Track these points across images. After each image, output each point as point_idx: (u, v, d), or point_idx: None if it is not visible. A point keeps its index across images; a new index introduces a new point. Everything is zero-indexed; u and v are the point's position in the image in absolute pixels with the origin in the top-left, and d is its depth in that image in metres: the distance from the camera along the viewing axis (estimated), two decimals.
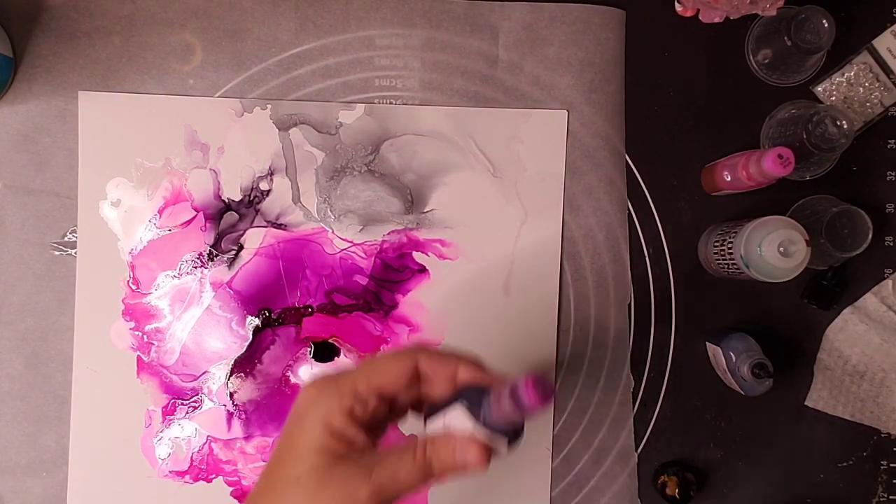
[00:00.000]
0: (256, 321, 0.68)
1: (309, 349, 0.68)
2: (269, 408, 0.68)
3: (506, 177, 0.69)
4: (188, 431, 0.68)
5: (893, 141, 0.70)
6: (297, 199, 0.69)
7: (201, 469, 0.68)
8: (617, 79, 0.70)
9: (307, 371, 0.68)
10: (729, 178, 0.63)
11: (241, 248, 0.68)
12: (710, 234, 0.68)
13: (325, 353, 0.69)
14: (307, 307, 0.69)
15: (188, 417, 0.68)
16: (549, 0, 0.69)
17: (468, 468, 0.45)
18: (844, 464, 0.70)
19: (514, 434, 0.46)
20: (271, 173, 0.68)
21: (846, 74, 0.69)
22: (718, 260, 0.65)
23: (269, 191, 0.68)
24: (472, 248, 0.69)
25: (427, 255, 0.69)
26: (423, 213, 0.69)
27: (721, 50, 0.70)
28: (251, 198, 0.68)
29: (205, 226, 0.68)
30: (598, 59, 0.69)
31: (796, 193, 0.70)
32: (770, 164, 0.58)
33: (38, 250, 0.68)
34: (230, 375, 0.68)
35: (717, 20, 0.66)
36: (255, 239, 0.68)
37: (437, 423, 0.47)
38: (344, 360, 0.69)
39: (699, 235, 0.70)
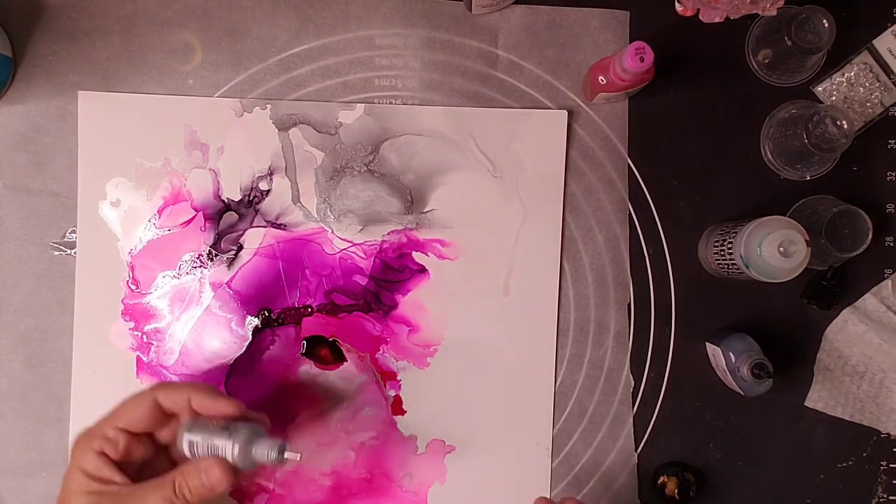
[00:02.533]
0: (256, 321, 0.68)
1: (302, 347, 0.68)
2: (268, 408, 0.68)
3: (506, 177, 0.69)
4: None
5: (894, 141, 0.70)
6: (296, 199, 0.69)
7: None
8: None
9: (307, 371, 0.68)
10: (604, 81, 0.64)
11: (240, 248, 0.68)
12: (709, 235, 0.68)
13: (317, 347, 0.69)
14: (307, 307, 0.69)
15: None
16: (548, 3, 0.69)
17: (214, 487, 0.51)
18: (844, 464, 0.70)
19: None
20: (271, 173, 0.68)
21: (846, 74, 0.69)
22: (718, 260, 0.65)
23: (268, 191, 0.68)
24: (472, 248, 0.69)
25: (427, 255, 0.69)
26: (423, 213, 0.69)
27: (721, 50, 0.70)
28: (251, 198, 0.68)
29: (204, 226, 0.68)
30: (596, 61, 0.69)
31: (796, 193, 0.70)
32: (629, 60, 0.60)
33: (38, 250, 0.68)
34: (229, 375, 0.68)
35: (717, 20, 0.65)
36: (255, 239, 0.68)
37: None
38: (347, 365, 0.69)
39: (699, 235, 0.70)
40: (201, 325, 0.68)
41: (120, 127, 0.68)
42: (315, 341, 0.68)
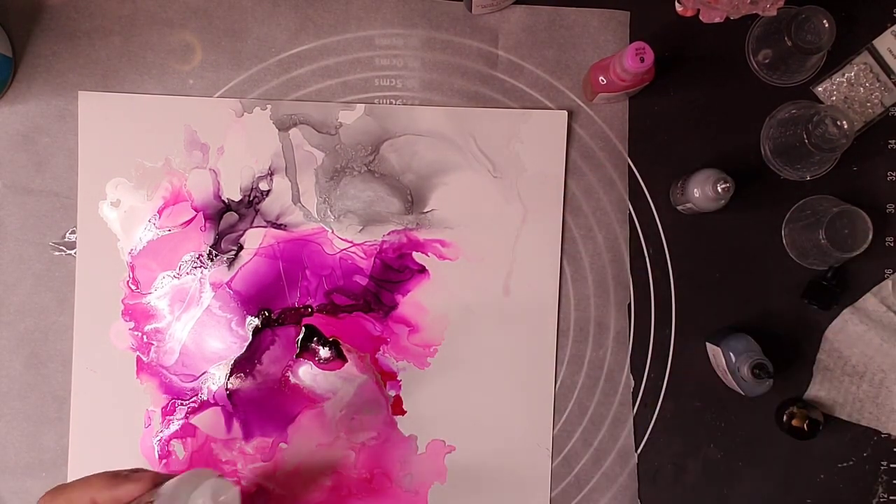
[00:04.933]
0: (256, 321, 0.68)
1: (296, 347, 0.68)
2: (268, 408, 0.68)
3: (506, 177, 0.69)
4: (188, 432, 0.68)
5: (894, 141, 0.70)
6: (296, 199, 0.69)
7: None
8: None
9: (307, 371, 0.68)
10: (604, 81, 0.65)
11: (240, 248, 0.68)
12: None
13: (309, 344, 0.69)
14: (307, 307, 0.69)
15: (188, 418, 0.68)
16: (548, 3, 0.69)
17: None
18: (844, 464, 0.70)
19: None
20: (271, 173, 0.68)
21: (846, 74, 0.69)
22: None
23: (268, 191, 0.68)
24: (472, 248, 0.69)
25: (427, 255, 0.69)
26: (423, 213, 0.69)
27: (721, 50, 0.70)
28: (251, 198, 0.68)
29: (204, 226, 0.68)
30: (596, 61, 0.69)
31: (797, 193, 0.70)
32: (629, 60, 0.60)
33: (38, 250, 0.68)
34: (230, 375, 0.68)
35: (717, 20, 0.65)
36: (255, 239, 0.68)
37: None
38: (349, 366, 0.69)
39: (699, 235, 0.70)
40: (201, 325, 0.68)
41: (120, 127, 0.68)
42: (308, 337, 0.68)
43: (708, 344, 0.69)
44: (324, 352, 0.68)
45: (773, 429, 0.69)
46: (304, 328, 0.68)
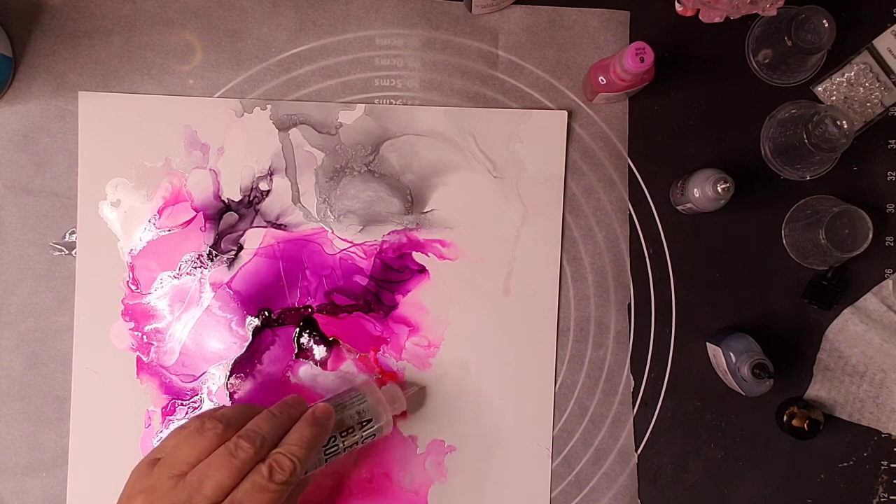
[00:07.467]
0: (256, 321, 0.68)
1: (294, 347, 0.68)
2: None
3: (506, 177, 0.69)
4: None
5: (894, 141, 0.70)
6: (296, 199, 0.69)
7: None
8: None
9: (307, 371, 0.68)
10: (604, 81, 0.64)
11: (240, 248, 0.68)
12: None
13: (300, 340, 0.69)
14: (307, 307, 0.69)
15: (188, 418, 0.68)
16: (548, 3, 0.69)
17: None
18: (845, 464, 0.70)
19: None
20: (271, 173, 0.68)
21: (846, 74, 0.69)
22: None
23: (268, 191, 0.68)
24: (472, 248, 0.69)
25: (427, 255, 0.69)
26: (423, 213, 0.69)
27: (721, 50, 0.70)
28: (251, 198, 0.68)
29: (204, 226, 0.68)
30: (596, 61, 0.69)
31: (796, 193, 0.70)
32: (629, 60, 0.60)
33: (38, 251, 0.68)
34: (230, 376, 0.68)
35: (717, 20, 0.65)
36: (255, 239, 0.68)
37: None
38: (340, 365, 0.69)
39: (699, 235, 0.70)
40: (201, 325, 0.68)
41: (120, 127, 0.68)
42: (302, 332, 0.68)
43: (708, 344, 0.69)
44: (318, 351, 0.68)
45: (773, 429, 0.69)
46: (301, 322, 0.68)
